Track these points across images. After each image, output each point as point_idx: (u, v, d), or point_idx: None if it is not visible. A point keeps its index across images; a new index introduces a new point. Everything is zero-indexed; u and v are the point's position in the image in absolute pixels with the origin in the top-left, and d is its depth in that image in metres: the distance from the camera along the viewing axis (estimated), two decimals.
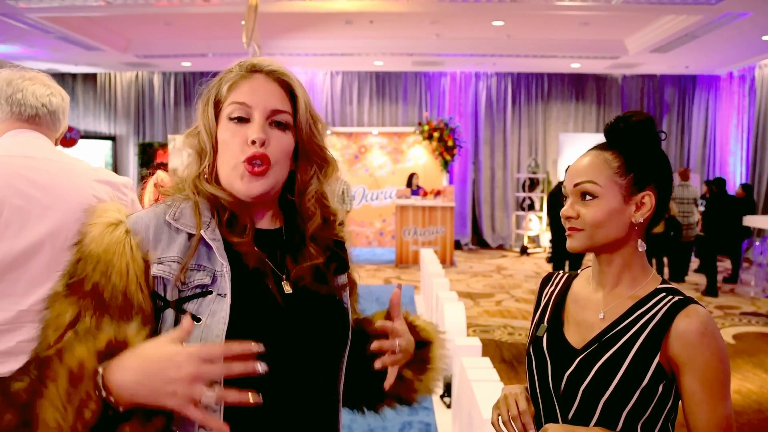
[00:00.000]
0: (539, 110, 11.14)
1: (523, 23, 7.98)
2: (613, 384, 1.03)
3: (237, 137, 0.93)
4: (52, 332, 0.86)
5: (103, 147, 11.26)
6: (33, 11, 6.83)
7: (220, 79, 0.97)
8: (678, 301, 1.04)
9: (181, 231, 0.92)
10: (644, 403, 1.02)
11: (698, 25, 7.17)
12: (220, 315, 0.89)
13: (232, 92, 0.94)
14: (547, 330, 1.15)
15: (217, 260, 0.91)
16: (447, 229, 9.11)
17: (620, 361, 1.03)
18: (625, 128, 1.08)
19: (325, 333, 1.00)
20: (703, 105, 11.00)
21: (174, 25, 8.09)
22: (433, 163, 10.75)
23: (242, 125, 0.94)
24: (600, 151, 1.09)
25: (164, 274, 0.89)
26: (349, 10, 7.16)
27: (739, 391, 4.03)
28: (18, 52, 9.34)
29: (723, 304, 6.65)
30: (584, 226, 1.07)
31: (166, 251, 0.91)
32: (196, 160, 0.97)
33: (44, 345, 0.87)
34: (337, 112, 11.15)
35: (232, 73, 0.97)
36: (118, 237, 0.89)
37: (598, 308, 1.11)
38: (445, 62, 10.16)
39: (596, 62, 9.77)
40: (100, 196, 1.49)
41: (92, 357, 0.80)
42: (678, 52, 8.61)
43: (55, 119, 1.59)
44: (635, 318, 1.06)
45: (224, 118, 0.94)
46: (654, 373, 1.02)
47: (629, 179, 1.07)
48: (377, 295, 7.03)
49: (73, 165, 1.55)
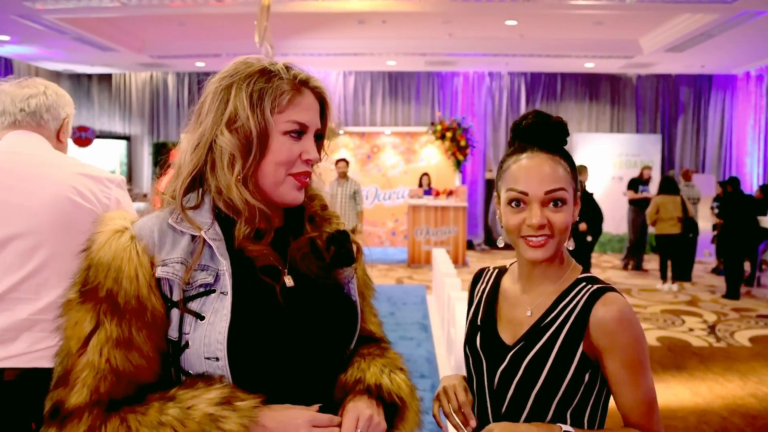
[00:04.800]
0: (552, 110, 11.05)
1: (537, 22, 7.94)
2: (542, 377, 1.06)
3: (294, 151, 0.98)
4: (74, 342, 0.89)
5: (118, 147, 11.37)
6: (49, 12, 6.91)
7: (272, 85, 0.96)
8: (595, 290, 1.07)
9: (185, 233, 0.95)
10: (572, 392, 1.06)
11: (714, 24, 7.08)
12: (222, 313, 0.91)
13: (291, 107, 0.97)
14: (480, 328, 1.18)
15: (219, 259, 0.94)
16: (459, 229, 9.09)
17: (547, 354, 1.07)
18: (551, 129, 1.11)
19: (330, 326, 1.01)
20: (719, 105, 10.85)
21: (188, 26, 8.15)
22: (445, 163, 10.73)
23: (298, 140, 0.98)
24: (549, 155, 1.10)
25: (168, 275, 0.92)
26: (361, 10, 7.17)
27: (755, 395, 3.97)
28: (35, 53, 9.47)
29: (739, 306, 6.56)
30: (554, 233, 1.09)
31: (170, 253, 0.93)
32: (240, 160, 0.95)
33: (67, 355, 0.90)
34: (350, 112, 11.16)
35: (285, 83, 0.97)
36: (124, 243, 0.92)
37: (526, 306, 1.14)
38: (457, 62, 10.14)
39: (610, 62, 9.69)
40: (79, 188, 1.54)
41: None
42: (694, 51, 8.50)
43: (38, 118, 1.65)
44: (559, 311, 1.09)
45: (278, 129, 0.96)
46: (579, 363, 1.06)
47: (575, 182, 1.12)
48: (389, 294, 7.05)
49: (56, 159, 1.62)
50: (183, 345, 0.91)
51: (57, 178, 1.54)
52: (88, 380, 0.87)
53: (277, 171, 0.97)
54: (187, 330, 0.91)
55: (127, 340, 0.89)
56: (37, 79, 1.70)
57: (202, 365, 0.90)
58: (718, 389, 4.04)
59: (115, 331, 0.88)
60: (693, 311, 6.30)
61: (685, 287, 7.51)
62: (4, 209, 1.48)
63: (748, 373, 4.38)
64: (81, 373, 0.88)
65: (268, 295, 0.95)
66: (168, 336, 0.92)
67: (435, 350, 4.85)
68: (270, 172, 0.96)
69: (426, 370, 4.34)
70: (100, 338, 0.88)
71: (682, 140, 11.02)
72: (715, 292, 7.21)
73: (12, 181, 1.51)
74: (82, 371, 0.88)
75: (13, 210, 1.48)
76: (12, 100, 1.63)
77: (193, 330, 0.91)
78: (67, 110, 1.71)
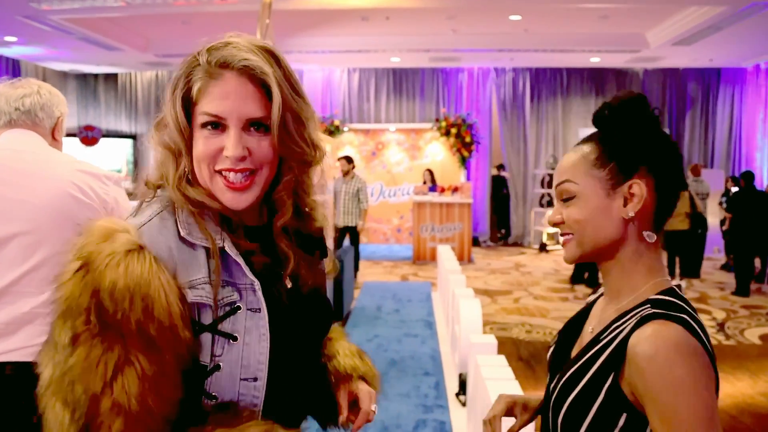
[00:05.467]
0: (558, 106, 10.99)
1: (541, 17, 7.87)
2: (566, 403, 0.90)
3: (210, 146, 0.85)
4: (94, 385, 0.75)
5: (124, 146, 11.42)
6: (55, 13, 6.94)
7: (189, 71, 0.87)
8: (647, 315, 0.84)
9: (198, 246, 0.85)
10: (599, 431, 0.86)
11: (723, 16, 6.99)
12: (258, 332, 0.85)
13: (203, 97, 0.85)
14: (558, 339, 1.07)
15: (239, 273, 0.86)
16: (465, 225, 9.05)
17: (578, 380, 0.89)
18: (609, 113, 0.94)
19: (320, 323, 1.04)
20: (728, 99, 10.73)
21: (191, 24, 8.15)
22: (450, 160, 10.69)
23: (216, 133, 0.85)
24: (580, 145, 0.97)
25: (201, 299, 0.83)
26: (364, 7, 7.14)
27: (766, 394, 3.92)
28: (42, 54, 9.52)
29: (750, 303, 6.49)
30: (571, 230, 0.95)
31: (194, 273, 0.84)
32: (171, 160, 0.88)
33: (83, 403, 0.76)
34: (354, 109, 11.14)
35: (200, 68, 0.86)
36: (148, 267, 0.79)
37: (594, 320, 0.99)
38: (462, 58, 10.08)
39: (616, 56, 9.60)
40: (79, 184, 1.57)
41: None
42: (702, 44, 8.40)
43: (33, 116, 1.68)
44: (608, 333, 0.90)
45: (197, 123, 0.86)
46: (608, 398, 0.85)
47: (610, 170, 0.92)
48: (394, 291, 7.03)
49: (55, 156, 1.66)
50: (212, 368, 0.83)
51: (57, 175, 1.57)
52: (120, 428, 0.75)
53: (200, 169, 0.87)
54: (218, 353, 0.83)
55: (161, 375, 0.78)
56: (31, 79, 1.74)
57: (235, 387, 0.84)
58: (727, 388, 3.98)
59: (148, 368, 0.77)
60: (702, 308, 6.23)
61: (693, 284, 7.44)
62: (7, 205, 1.51)
63: (759, 372, 4.32)
64: (110, 421, 0.75)
65: (278, 299, 0.90)
66: (200, 362, 0.83)
67: (440, 348, 4.83)
68: (197, 170, 0.87)
69: (430, 368, 4.32)
70: (131, 378, 0.76)
71: (691, 135, 10.90)
72: (725, 289, 7.13)
73: (14, 178, 1.54)
74: (111, 420, 0.75)
75: (16, 206, 1.51)
76: (6, 100, 1.66)
77: (225, 352, 0.84)
78: (61, 108, 1.74)
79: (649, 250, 0.93)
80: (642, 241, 0.92)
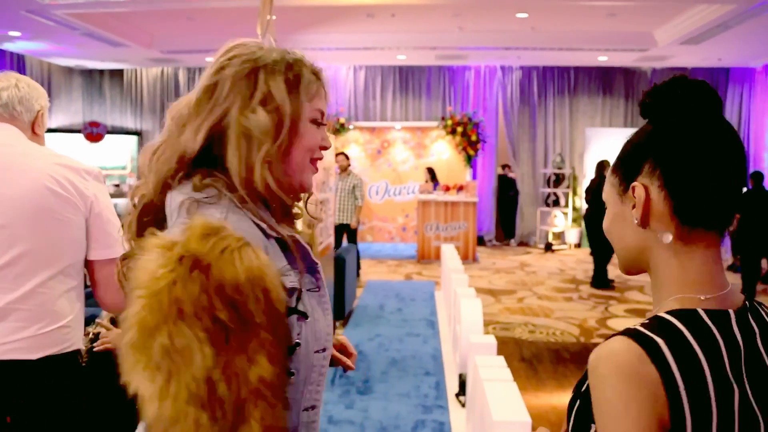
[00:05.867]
0: (565, 104, 10.91)
1: (548, 15, 7.80)
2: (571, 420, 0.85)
3: (317, 138, 1.01)
4: (239, 387, 0.77)
5: (129, 142, 11.44)
6: (59, 8, 6.94)
7: (304, 73, 1.00)
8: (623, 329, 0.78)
9: (270, 235, 0.92)
10: None
11: (732, 15, 6.89)
12: (322, 307, 0.98)
13: (317, 96, 1.01)
14: None
15: (308, 257, 0.97)
16: (470, 224, 9.01)
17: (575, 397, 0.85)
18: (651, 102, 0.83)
19: None
20: (737, 99, 10.62)
21: (196, 20, 8.14)
22: (456, 158, 10.64)
23: (319, 128, 1.02)
24: None
25: (295, 284, 0.90)
26: (370, 3, 7.10)
27: None
28: (47, 49, 9.54)
29: None
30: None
31: (278, 261, 0.90)
32: (261, 140, 0.93)
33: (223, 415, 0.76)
34: (360, 107, 11.10)
35: (314, 76, 1.02)
36: (261, 259, 0.81)
37: None
38: (468, 56, 10.02)
39: (624, 55, 9.51)
40: (57, 177, 1.54)
41: None
42: (710, 43, 8.30)
43: (11, 110, 1.66)
44: None
45: (307, 117, 0.99)
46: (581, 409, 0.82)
47: (619, 174, 0.85)
48: (397, 290, 7.01)
49: (33, 149, 1.63)
50: (294, 346, 0.90)
51: (35, 168, 1.54)
52: (266, 416, 0.79)
53: (305, 157, 1.00)
54: (297, 331, 0.91)
55: (282, 364, 0.83)
56: (9, 72, 1.72)
57: (309, 360, 0.93)
58: None
59: (277, 358, 0.81)
60: None
61: None
62: None
63: None
64: (254, 416, 0.78)
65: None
66: (293, 342, 0.90)
67: (441, 347, 4.79)
68: (299, 157, 0.99)
69: (431, 368, 4.28)
70: (266, 371, 0.79)
71: None
72: None
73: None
74: (256, 415, 0.78)
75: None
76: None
77: (302, 330, 0.92)
78: (41, 102, 1.71)
79: (680, 258, 0.80)
80: (670, 247, 0.81)
